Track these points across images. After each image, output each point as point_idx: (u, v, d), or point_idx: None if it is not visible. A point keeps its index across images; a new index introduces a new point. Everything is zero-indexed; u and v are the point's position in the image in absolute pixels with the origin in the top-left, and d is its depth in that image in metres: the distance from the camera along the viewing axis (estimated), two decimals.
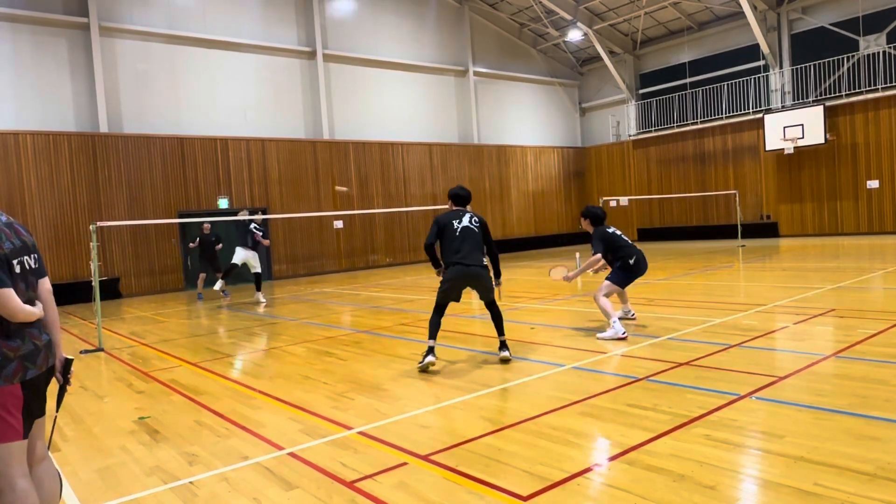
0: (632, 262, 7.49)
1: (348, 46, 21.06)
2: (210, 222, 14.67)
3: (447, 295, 6.35)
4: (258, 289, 13.16)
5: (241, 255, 12.81)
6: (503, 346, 6.29)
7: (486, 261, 6.50)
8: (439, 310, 6.34)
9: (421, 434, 4.29)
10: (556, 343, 7.03)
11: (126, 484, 3.75)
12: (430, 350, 6.14)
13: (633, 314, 8.01)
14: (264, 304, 12.74)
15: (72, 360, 2.86)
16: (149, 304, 14.63)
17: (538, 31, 26.17)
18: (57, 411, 2.82)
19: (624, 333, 6.88)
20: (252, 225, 12.87)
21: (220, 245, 14.81)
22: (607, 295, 7.36)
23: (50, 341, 2.75)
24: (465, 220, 6.43)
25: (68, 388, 2.91)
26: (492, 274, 6.61)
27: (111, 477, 3.89)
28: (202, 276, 14.85)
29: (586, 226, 7.82)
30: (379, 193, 21.37)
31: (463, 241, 6.32)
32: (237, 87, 18.80)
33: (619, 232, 7.80)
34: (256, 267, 13.02)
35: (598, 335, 7.06)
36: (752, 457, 3.54)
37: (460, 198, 6.63)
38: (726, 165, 23.12)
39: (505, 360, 6.20)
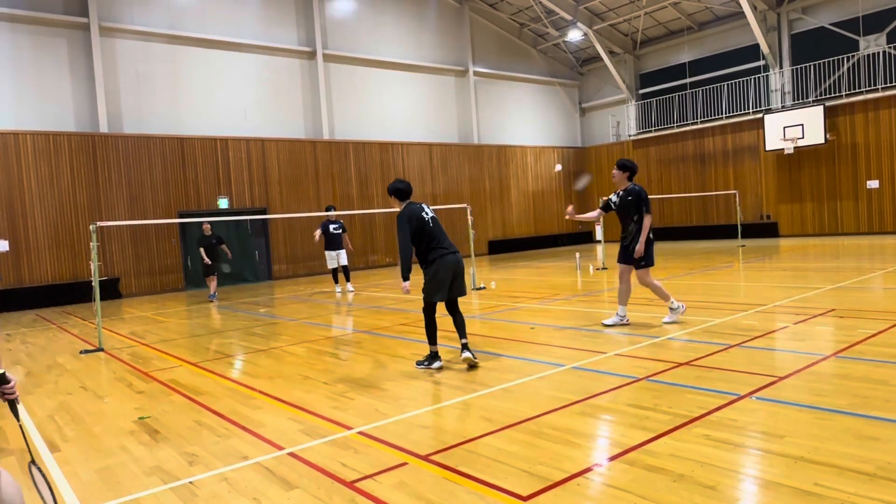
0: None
1: (348, 46, 21.06)
2: (210, 222, 14.12)
3: (441, 292, 6.03)
4: (347, 279, 14.16)
5: (334, 259, 13.92)
6: (465, 347, 6.01)
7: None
8: (432, 310, 6.13)
9: (421, 434, 4.29)
10: (556, 343, 7.03)
11: (126, 484, 3.75)
12: (436, 355, 6.11)
13: (626, 320, 7.76)
14: (353, 292, 13.79)
15: (2, 373, 2.63)
16: (149, 304, 14.63)
17: (538, 31, 26.17)
18: (19, 423, 2.72)
19: (628, 321, 7.61)
20: (332, 227, 13.86)
21: (223, 245, 14.27)
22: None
23: None
24: (430, 212, 6.14)
25: (17, 402, 2.67)
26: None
27: (111, 477, 3.89)
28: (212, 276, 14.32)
29: (621, 179, 7.62)
30: (379, 193, 21.35)
31: (439, 230, 6.09)
32: (237, 87, 18.80)
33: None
34: (345, 261, 14.15)
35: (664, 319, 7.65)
36: (752, 457, 3.54)
37: (405, 193, 6.19)
38: (726, 165, 23.12)
39: (471, 364, 5.97)
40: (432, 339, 6.14)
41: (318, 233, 13.87)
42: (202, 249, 13.95)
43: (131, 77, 17.05)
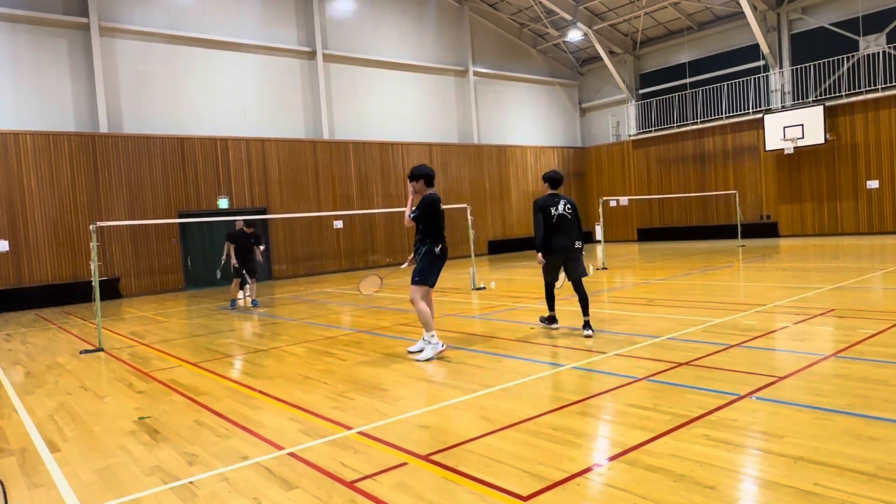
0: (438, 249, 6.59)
1: (348, 46, 21.06)
2: (250, 221, 12.67)
3: (550, 273, 7.60)
4: (241, 286, 13.96)
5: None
6: (586, 325, 7.16)
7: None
8: (549, 287, 7.72)
9: (421, 434, 4.29)
10: (556, 343, 7.03)
11: (126, 484, 3.75)
12: (552, 318, 7.78)
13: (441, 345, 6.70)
14: (249, 297, 13.53)
15: None
16: (149, 304, 14.63)
17: (538, 31, 26.17)
18: None
19: (443, 346, 6.63)
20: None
21: (263, 246, 12.96)
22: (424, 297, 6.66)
23: None
24: (561, 208, 7.32)
25: None
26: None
27: (111, 477, 3.89)
28: (237, 281, 12.57)
29: (420, 188, 6.68)
30: (379, 193, 21.37)
31: (559, 227, 7.28)
32: (237, 87, 18.80)
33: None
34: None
35: (418, 356, 6.57)
36: (752, 457, 3.54)
37: (554, 181, 7.50)
38: (726, 165, 23.12)
39: (588, 337, 7.01)
40: (549, 306, 7.86)
41: (230, 247, 13.00)
42: (232, 247, 12.34)
43: (131, 77, 17.05)
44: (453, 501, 3.22)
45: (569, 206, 7.38)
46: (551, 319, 7.80)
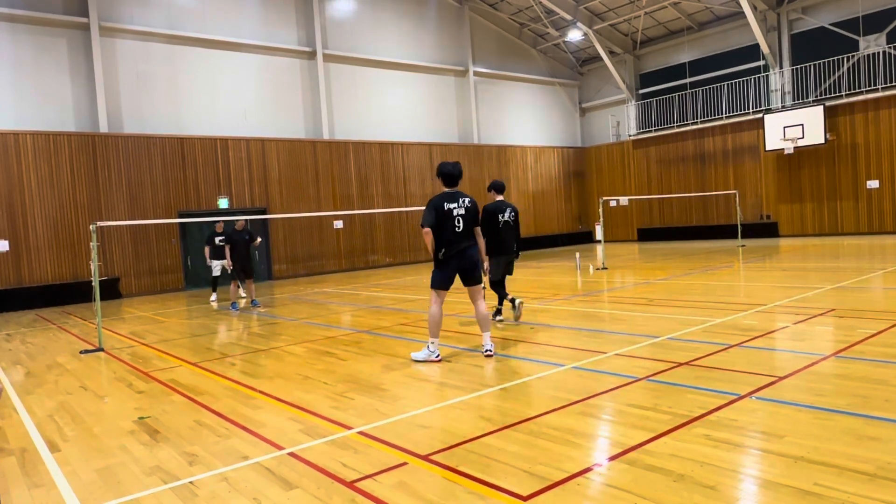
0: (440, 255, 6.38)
1: (348, 46, 21.06)
2: (245, 220, 12.52)
3: (497, 272, 8.32)
4: (214, 290, 14.39)
5: (218, 266, 13.93)
6: (512, 302, 8.28)
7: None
8: (499, 284, 8.42)
9: (421, 434, 4.29)
10: (556, 343, 7.03)
11: (126, 484, 3.75)
12: (498, 310, 8.49)
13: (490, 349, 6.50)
14: (216, 301, 13.89)
15: None
16: (149, 304, 14.63)
17: (538, 31, 26.17)
18: None
19: (438, 357, 6.36)
20: (218, 239, 13.54)
21: (259, 240, 12.76)
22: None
23: None
24: (507, 215, 8.20)
25: None
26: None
27: (111, 477, 3.89)
28: (235, 282, 12.56)
29: (438, 188, 6.72)
30: (379, 193, 21.37)
31: (505, 232, 8.16)
32: (237, 87, 18.79)
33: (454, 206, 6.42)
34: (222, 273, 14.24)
35: (413, 354, 6.56)
36: (752, 457, 3.54)
37: (500, 188, 8.46)
38: (726, 165, 23.12)
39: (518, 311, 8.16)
40: (500, 300, 8.56)
41: (207, 250, 13.96)
42: (227, 248, 12.27)
43: (131, 77, 17.05)
44: (453, 501, 3.22)
45: (513, 213, 8.34)
46: (509, 307, 8.38)
